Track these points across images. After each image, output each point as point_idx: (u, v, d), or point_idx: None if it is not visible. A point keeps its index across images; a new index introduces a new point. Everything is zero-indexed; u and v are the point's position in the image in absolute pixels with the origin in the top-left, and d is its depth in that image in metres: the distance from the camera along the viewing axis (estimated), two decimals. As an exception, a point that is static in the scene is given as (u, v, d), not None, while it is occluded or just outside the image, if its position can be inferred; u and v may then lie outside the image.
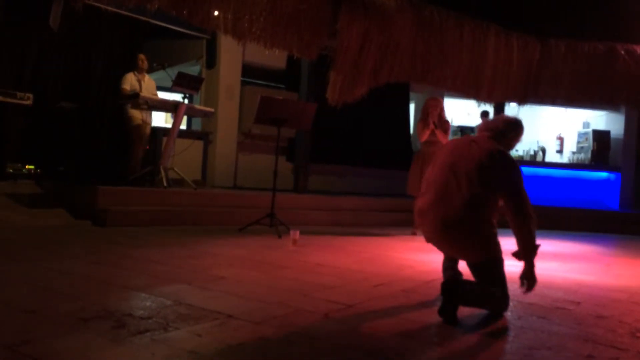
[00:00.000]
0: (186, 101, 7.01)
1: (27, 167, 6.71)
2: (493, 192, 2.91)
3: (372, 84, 7.90)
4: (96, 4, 6.56)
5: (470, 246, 2.94)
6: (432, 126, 6.60)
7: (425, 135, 6.66)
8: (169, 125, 7.51)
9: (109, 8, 6.85)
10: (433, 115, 6.64)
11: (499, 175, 2.91)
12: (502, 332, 2.67)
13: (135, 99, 6.62)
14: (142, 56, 7.17)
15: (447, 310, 2.70)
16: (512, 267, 3.08)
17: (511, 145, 3.23)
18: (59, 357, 1.91)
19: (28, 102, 6.59)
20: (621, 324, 2.92)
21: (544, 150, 11.66)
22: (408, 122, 11.32)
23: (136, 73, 7.07)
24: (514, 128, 3.18)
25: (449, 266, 3.28)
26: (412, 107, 11.61)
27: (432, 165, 3.17)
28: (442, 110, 6.81)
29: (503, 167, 2.95)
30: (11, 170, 6.52)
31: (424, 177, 3.22)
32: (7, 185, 6.13)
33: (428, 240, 3.14)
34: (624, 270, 5.14)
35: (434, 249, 3.18)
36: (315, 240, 5.55)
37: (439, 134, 6.60)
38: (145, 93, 6.83)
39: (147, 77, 7.27)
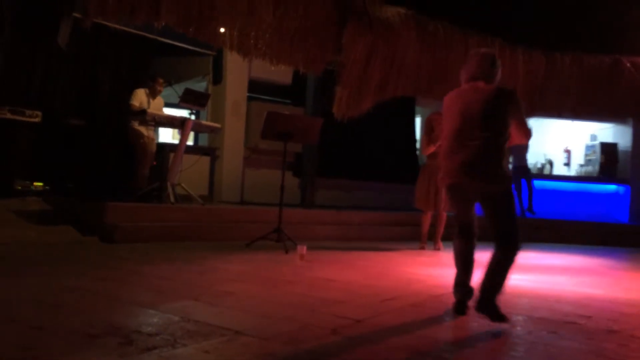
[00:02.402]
0: (193, 117, 7.05)
1: (35, 184, 6.75)
2: (505, 125, 3.14)
3: (377, 98, 7.94)
4: (104, 23, 6.64)
5: (494, 178, 3.11)
6: (438, 142, 6.56)
7: (430, 150, 6.65)
8: (176, 141, 7.54)
9: (117, 26, 6.94)
10: (438, 130, 6.63)
11: (511, 108, 3.17)
12: (512, 347, 2.64)
13: (142, 115, 6.66)
14: (161, 81, 7.16)
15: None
16: (516, 280, 3.05)
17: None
18: (67, 375, 1.90)
19: (37, 120, 6.64)
20: (633, 338, 2.88)
21: (551, 163, 11.61)
22: (414, 136, 11.33)
23: (148, 92, 7.07)
24: (496, 64, 3.34)
25: (461, 283, 3.28)
26: (418, 120, 11.62)
27: (445, 116, 3.38)
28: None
29: (513, 101, 3.21)
30: (19, 187, 6.55)
31: (443, 131, 3.39)
32: (16, 202, 6.16)
33: (454, 185, 3.26)
34: (634, 284, 5.10)
35: (442, 264, 3.17)
36: (323, 255, 5.53)
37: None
38: (152, 110, 6.87)
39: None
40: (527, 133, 3.31)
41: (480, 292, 3.04)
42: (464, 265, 3.32)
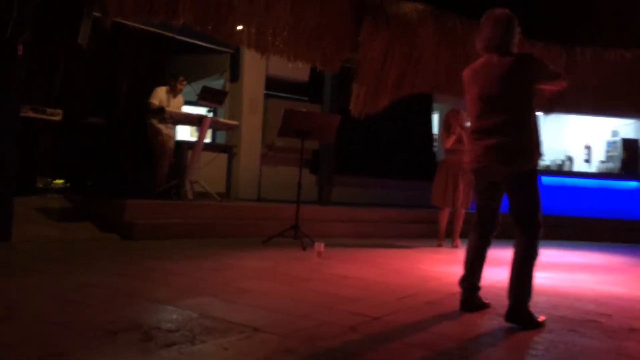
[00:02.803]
0: (211, 115, 7.09)
1: (56, 181, 6.84)
2: (529, 97, 3.02)
3: (394, 95, 7.90)
4: (123, 21, 6.70)
5: (520, 156, 2.99)
6: (457, 131, 6.49)
7: (450, 142, 6.59)
8: (194, 139, 7.59)
9: (136, 25, 7.00)
10: (455, 126, 6.58)
11: (532, 75, 3.06)
12: (531, 345, 2.62)
13: (161, 114, 6.71)
14: (181, 79, 7.19)
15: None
16: (536, 278, 3.02)
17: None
18: (89, 370, 1.93)
19: (58, 118, 6.73)
20: (655, 337, 2.84)
21: (571, 160, 11.47)
22: (431, 133, 11.26)
23: (168, 90, 7.12)
24: (511, 28, 3.17)
25: (465, 278, 3.24)
26: (435, 117, 11.55)
27: (466, 98, 3.25)
28: (463, 121, 6.76)
29: (533, 66, 3.09)
30: (41, 185, 6.65)
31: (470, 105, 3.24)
32: (37, 200, 6.26)
33: (479, 170, 3.16)
34: (656, 282, 5.01)
35: (460, 261, 3.14)
36: (340, 253, 5.53)
37: (465, 137, 6.54)
38: (172, 108, 6.92)
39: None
40: (561, 84, 3.20)
41: (509, 299, 2.95)
42: (472, 261, 3.24)
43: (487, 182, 3.18)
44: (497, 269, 3.85)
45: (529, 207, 3.04)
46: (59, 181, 6.88)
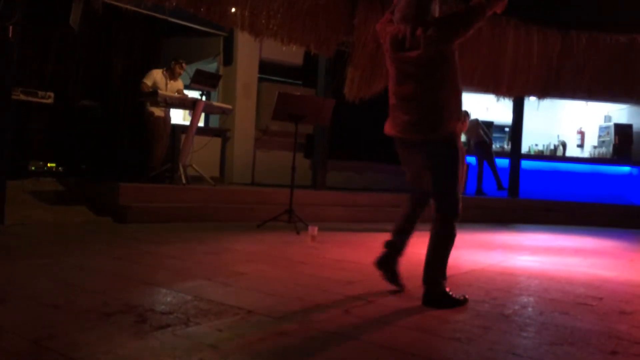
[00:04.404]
0: (204, 98, 7.05)
1: (49, 165, 6.81)
2: (443, 67, 2.86)
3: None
4: (115, 3, 6.63)
5: (432, 128, 2.88)
6: None
7: None
8: (187, 123, 7.56)
9: (128, 7, 6.92)
10: None
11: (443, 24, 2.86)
12: (523, 328, 2.64)
13: (154, 97, 6.67)
14: (181, 62, 7.09)
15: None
16: (528, 262, 3.04)
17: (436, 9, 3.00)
18: (83, 352, 1.93)
19: (49, 101, 6.68)
20: (645, 320, 2.87)
21: (564, 145, 11.50)
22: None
23: (165, 73, 7.05)
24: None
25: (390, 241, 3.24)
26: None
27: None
28: None
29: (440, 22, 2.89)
30: (33, 168, 6.62)
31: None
32: (30, 183, 6.24)
33: (399, 140, 3.09)
34: (647, 266, 5.06)
35: (453, 245, 3.14)
36: (334, 237, 5.55)
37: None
38: (168, 93, 6.86)
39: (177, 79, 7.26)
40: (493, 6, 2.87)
41: (423, 281, 2.96)
42: (398, 226, 3.27)
43: (407, 152, 3.10)
44: (492, 252, 3.88)
45: (441, 182, 2.94)
46: (52, 164, 6.84)
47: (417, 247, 5.07)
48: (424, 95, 2.89)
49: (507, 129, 11.22)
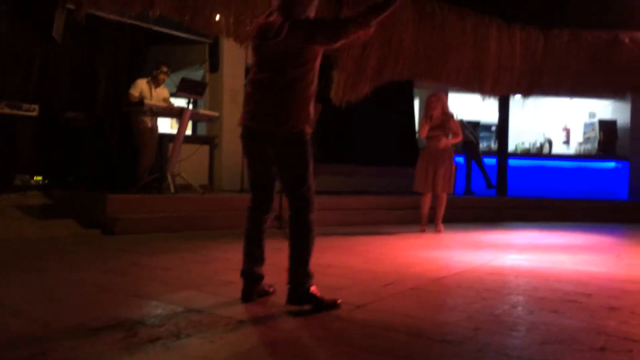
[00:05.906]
0: (191, 106, 7.02)
1: (35, 178, 6.75)
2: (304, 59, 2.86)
3: (375, 82, 7.91)
4: (98, 14, 6.59)
5: (283, 120, 2.86)
6: (429, 120, 6.58)
7: (424, 130, 6.67)
8: (175, 131, 7.53)
9: (111, 17, 6.89)
10: (435, 110, 6.64)
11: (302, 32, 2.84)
12: (513, 327, 2.65)
13: (140, 106, 6.64)
14: (163, 69, 7.07)
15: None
16: (517, 260, 3.06)
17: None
18: (73, 368, 1.92)
19: (34, 114, 6.62)
20: (634, 315, 2.90)
21: (550, 142, 11.61)
22: (413, 119, 11.29)
23: (150, 81, 7.04)
24: None
25: (247, 270, 3.10)
26: (416, 103, 11.58)
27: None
28: (444, 105, 6.81)
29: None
30: (19, 182, 6.56)
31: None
32: (16, 197, 6.17)
33: (246, 129, 3.01)
34: (635, 261, 5.12)
35: (443, 246, 3.18)
36: (323, 241, 5.51)
37: (453, 127, 6.65)
38: (154, 101, 6.84)
39: (161, 86, 7.23)
40: (362, 31, 2.97)
41: (288, 281, 2.88)
42: (248, 246, 3.15)
43: (254, 147, 3.04)
44: (482, 252, 3.91)
45: (291, 175, 2.97)
46: (38, 177, 6.79)
47: (405, 248, 5.09)
48: (281, 87, 2.85)
49: (493, 128, 11.30)
